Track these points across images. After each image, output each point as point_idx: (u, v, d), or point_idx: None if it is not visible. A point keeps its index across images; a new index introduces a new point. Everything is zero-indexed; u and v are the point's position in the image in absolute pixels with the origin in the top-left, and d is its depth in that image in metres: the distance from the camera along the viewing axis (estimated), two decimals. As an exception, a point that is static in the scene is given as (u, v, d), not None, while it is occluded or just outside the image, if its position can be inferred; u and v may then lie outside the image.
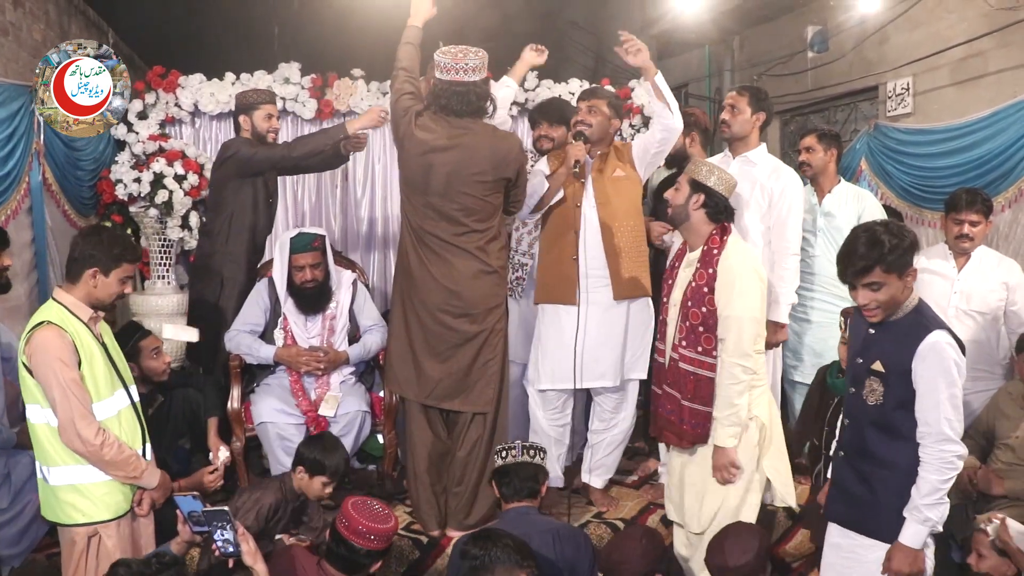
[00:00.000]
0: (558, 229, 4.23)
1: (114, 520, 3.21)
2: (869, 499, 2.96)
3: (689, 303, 3.59)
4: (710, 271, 3.52)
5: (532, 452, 3.54)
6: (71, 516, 3.17)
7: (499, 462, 3.56)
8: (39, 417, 3.13)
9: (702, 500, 3.67)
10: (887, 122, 6.11)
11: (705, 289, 3.53)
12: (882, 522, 2.92)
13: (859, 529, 3.00)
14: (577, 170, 4.06)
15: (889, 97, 6.26)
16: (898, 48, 6.22)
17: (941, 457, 2.77)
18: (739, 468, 3.57)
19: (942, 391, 2.77)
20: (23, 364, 3.09)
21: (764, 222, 4.24)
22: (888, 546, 2.90)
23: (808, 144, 4.75)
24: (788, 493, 3.72)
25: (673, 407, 3.72)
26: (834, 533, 3.13)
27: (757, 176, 4.27)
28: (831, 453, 3.36)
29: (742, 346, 3.47)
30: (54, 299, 3.17)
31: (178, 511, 3.13)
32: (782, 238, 4.23)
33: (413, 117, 3.89)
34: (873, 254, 2.79)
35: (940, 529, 2.86)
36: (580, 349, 4.13)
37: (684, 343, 3.63)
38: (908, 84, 6.08)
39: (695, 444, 3.68)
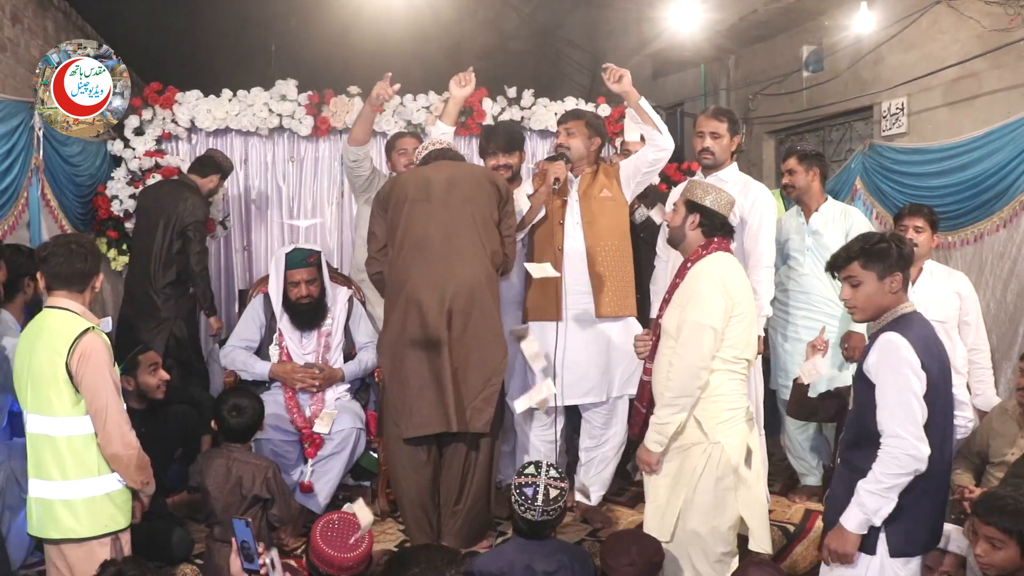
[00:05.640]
0: (541, 247, 4.26)
1: (128, 527, 3.25)
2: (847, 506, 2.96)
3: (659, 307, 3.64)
4: (677, 280, 3.52)
5: (552, 512, 3.28)
6: (106, 526, 3.16)
7: (515, 502, 3.30)
8: (64, 429, 3.09)
9: (663, 513, 3.56)
10: (882, 142, 6.14)
11: (665, 296, 3.56)
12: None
13: None
14: (557, 187, 4.09)
15: (884, 117, 6.28)
16: (893, 68, 6.25)
17: (888, 451, 2.77)
18: (654, 471, 3.48)
19: (890, 386, 2.80)
20: (64, 374, 3.03)
21: (736, 238, 4.22)
22: (871, 557, 2.89)
23: (789, 167, 4.78)
24: (762, 537, 3.47)
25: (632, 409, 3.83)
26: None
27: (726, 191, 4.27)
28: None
29: (693, 352, 3.33)
30: (65, 309, 3.14)
31: (233, 539, 3.04)
32: (754, 251, 4.23)
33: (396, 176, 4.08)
34: (855, 247, 2.89)
35: (877, 523, 2.83)
36: (566, 365, 4.16)
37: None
38: (903, 104, 6.11)
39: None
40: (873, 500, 2.80)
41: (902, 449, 2.76)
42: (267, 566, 2.99)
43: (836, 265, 2.96)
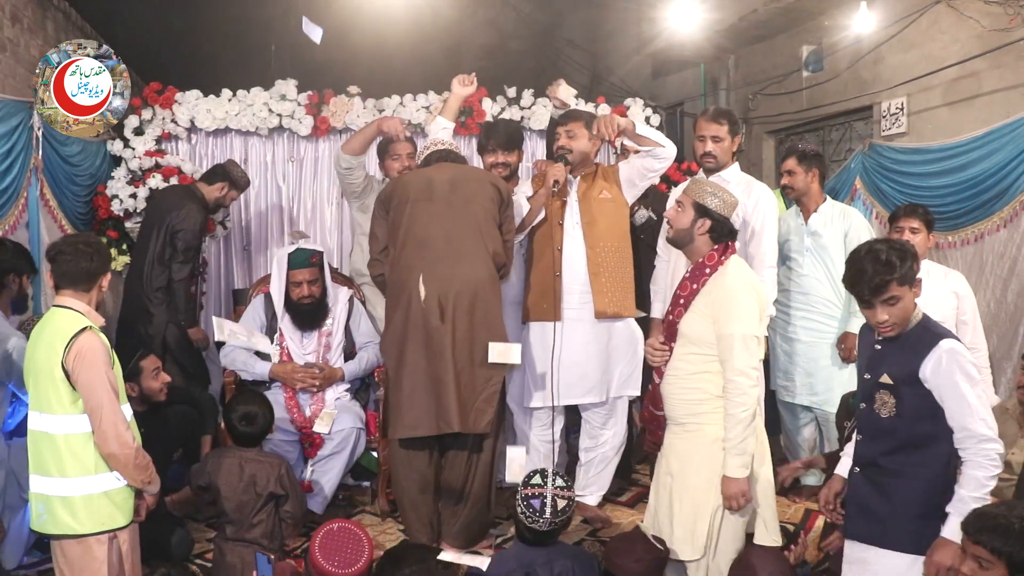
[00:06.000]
0: (540, 247, 4.25)
1: (128, 525, 3.22)
2: (887, 511, 2.94)
3: (669, 308, 3.56)
4: (694, 286, 3.46)
5: (560, 522, 3.27)
6: (103, 523, 3.14)
7: (521, 513, 3.26)
8: (62, 427, 3.10)
9: (696, 524, 3.46)
10: (882, 141, 6.14)
11: (681, 301, 3.48)
12: (902, 532, 2.92)
13: (880, 543, 2.97)
14: (556, 189, 4.09)
15: (884, 117, 6.28)
16: (892, 68, 6.25)
17: (986, 455, 2.79)
18: (750, 499, 3.38)
19: (969, 393, 2.81)
20: (60, 373, 3.04)
21: (739, 238, 4.22)
22: (905, 556, 2.90)
23: (789, 167, 4.77)
24: (774, 529, 3.48)
25: (647, 415, 3.73)
26: (854, 550, 3.08)
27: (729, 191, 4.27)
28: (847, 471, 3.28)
29: (745, 361, 3.32)
30: (70, 308, 3.15)
31: (254, 572, 3.10)
32: (758, 251, 4.23)
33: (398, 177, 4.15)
34: (885, 270, 2.84)
35: None
36: (566, 365, 4.14)
37: None
38: (902, 104, 6.11)
39: (656, 447, 3.65)
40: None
41: (995, 450, 2.79)
42: None
43: (876, 292, 2.85)
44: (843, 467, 3.29)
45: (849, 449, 3.30)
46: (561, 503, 3.27)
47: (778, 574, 3.26)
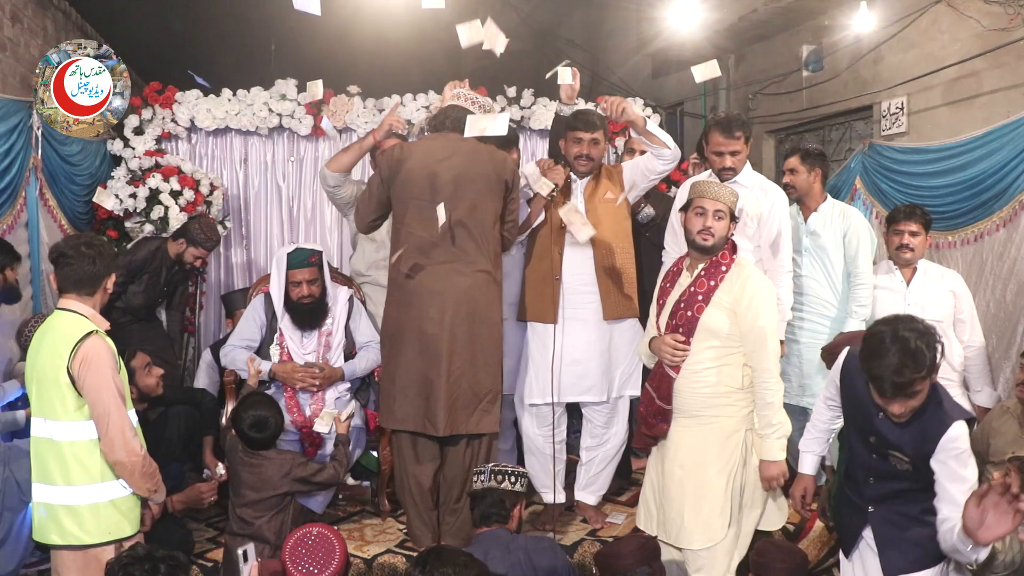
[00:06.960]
0: (542, 248, 4.25)
1: (135, 535, 3.18)
2: (925, 532, 2.88)
3: (682, 305, 3.56)
4: (711, 283, 3.52)
5: (501, 477, 3.42)
6: (109, 532, 3.11)
7: (474, 485, 3.48)
8: (67, 434, 3.06)
9: (711, 514, 3.53)
10: (882, 141, 6.14)
11: (700, 297, 3.53)
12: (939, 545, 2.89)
13: (924, 565, 2.91)
14: (556, 192, 4.09)
15: (884, 116, 6.28)
16: (892, 68, 6.25)
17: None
18: (788, 477, 3.54)
19: (971, 476, 2.74)
20: (66, 378, 3.00)
21: (753, 241, 4.22)
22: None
23: (791, 166, 4.75)
24: (782, 506, 3.70)
25: (652, 409, 3.71)
26: None
27: (745, 196, 4.25)
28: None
29: (776, 351, 3.51)
30: (74, 311, 3.11)
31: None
32: (776, 256, 4.23)
33: (403, 145, 4.05)
34: (913, 367, 2.62)
35: None
36: (567, 363, 4.16)
37: None
38: (902, 104, 6.10)
39: (657, 439, 3.70)
40: None
41: None
42: None
43: (900, 390, 2.65)
44: (809, 464, 3.40)
45: (813, 447, 3.40)
46: (508, 467, 3.47)
47: (793, 566, 3.28)
